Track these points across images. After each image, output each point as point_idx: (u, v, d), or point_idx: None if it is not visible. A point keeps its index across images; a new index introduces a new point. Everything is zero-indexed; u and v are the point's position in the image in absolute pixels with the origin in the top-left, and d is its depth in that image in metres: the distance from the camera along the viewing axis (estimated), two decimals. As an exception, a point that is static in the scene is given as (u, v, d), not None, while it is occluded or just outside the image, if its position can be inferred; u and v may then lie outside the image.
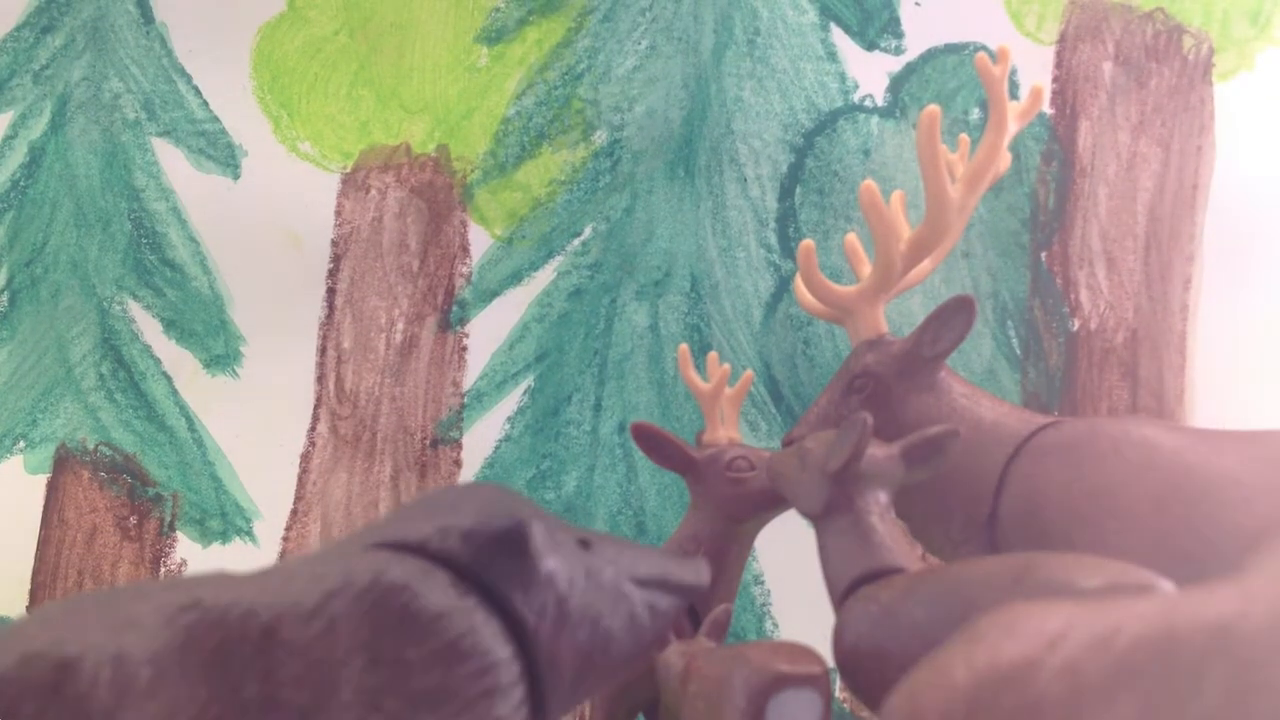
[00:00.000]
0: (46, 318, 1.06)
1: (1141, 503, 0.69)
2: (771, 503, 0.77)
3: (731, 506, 0.78)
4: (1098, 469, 0.70)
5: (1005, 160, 0.79)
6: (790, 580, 1.00)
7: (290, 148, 1.07)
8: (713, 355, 0.85)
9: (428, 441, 1.04)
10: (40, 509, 1.04)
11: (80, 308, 1.06)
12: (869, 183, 0.73)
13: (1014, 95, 1.03)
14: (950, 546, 0.76)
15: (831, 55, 1.05)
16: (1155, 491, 0.69)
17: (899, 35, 1.05)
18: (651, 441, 0.78)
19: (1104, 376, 1.01)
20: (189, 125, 1.07)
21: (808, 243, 0.76)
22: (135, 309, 1.06)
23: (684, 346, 0.85)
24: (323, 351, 1.05)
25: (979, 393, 0.76)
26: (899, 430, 0.74)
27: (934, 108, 0.71)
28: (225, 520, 1.04)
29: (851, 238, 0.80)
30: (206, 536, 1.04)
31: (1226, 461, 0.69)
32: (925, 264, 0.82)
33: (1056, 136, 1.03)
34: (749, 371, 0.84)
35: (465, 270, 1.05)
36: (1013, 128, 0.77)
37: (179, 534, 1.04)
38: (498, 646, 0.47)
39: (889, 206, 0.75)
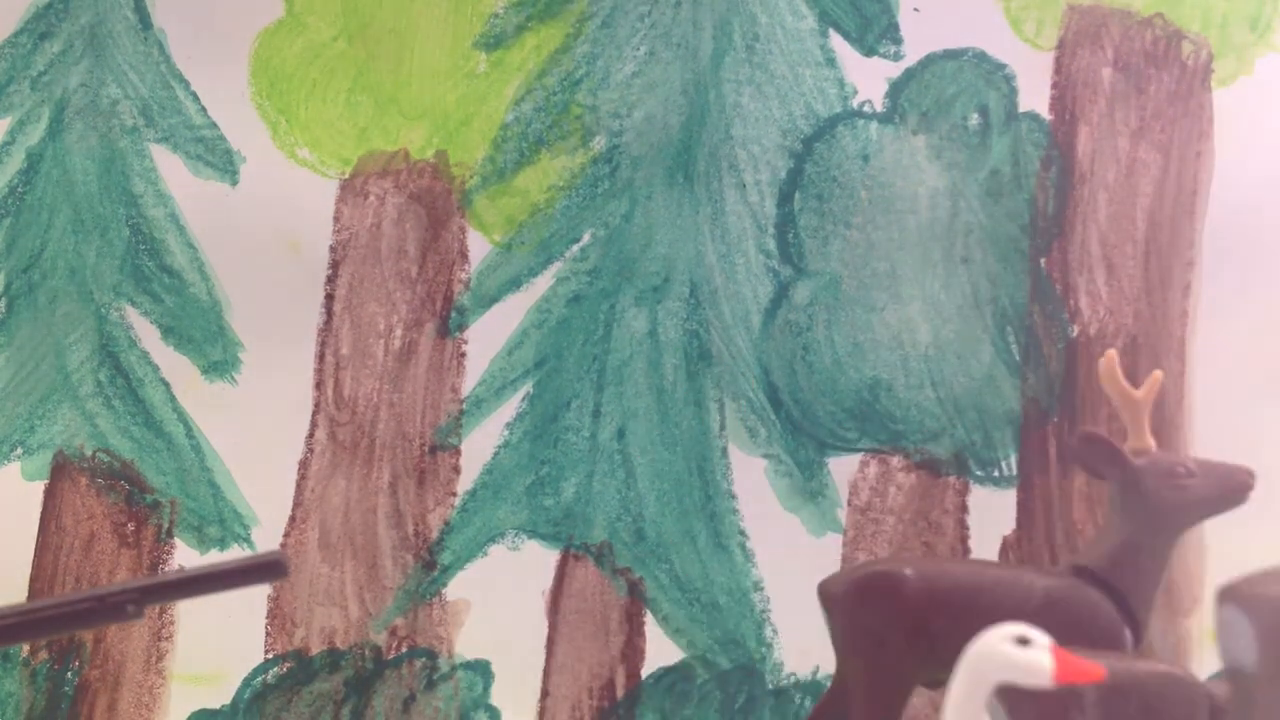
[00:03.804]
0: (44, 324, 1.06)
1: None
2: (1213, 508, 0.80)
3: (1174, 514, 0.80)
4: None
5: None
6: (790, 587, 1.00)
7: (289, 154, 1.06)
8: (1157, 374, 0.85)
9: (426, 448, 1.04)
10: (38, 516, 1.04)
11: (78, 314, 1.06)
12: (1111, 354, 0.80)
13: (1013, 102, 1.03)
14: None
15: (830, 61, 1.05)
16: None
17: (898, 41, 1.05)
18: (1098, 451, 0.79)
19: (1104, 382, 1.01)
20: (187, 131, 1.07)
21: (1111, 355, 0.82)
22: (133, 315, 1.06)
23: (1112, 353, 0.85)
24: (321, 358, 1.05)
25: None
26: None
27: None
28: (223, 527, 1.03)
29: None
30: (204, 543, 1.03)
31: None
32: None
33: (1055, 142, 1.03)
34: (1158, 373, 0.84)
35: (464, 276, 1.05)
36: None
37: (177, 540, 1.03)
38: None
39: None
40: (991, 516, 1.01)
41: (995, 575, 0.80)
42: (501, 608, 1.02)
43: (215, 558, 1.03)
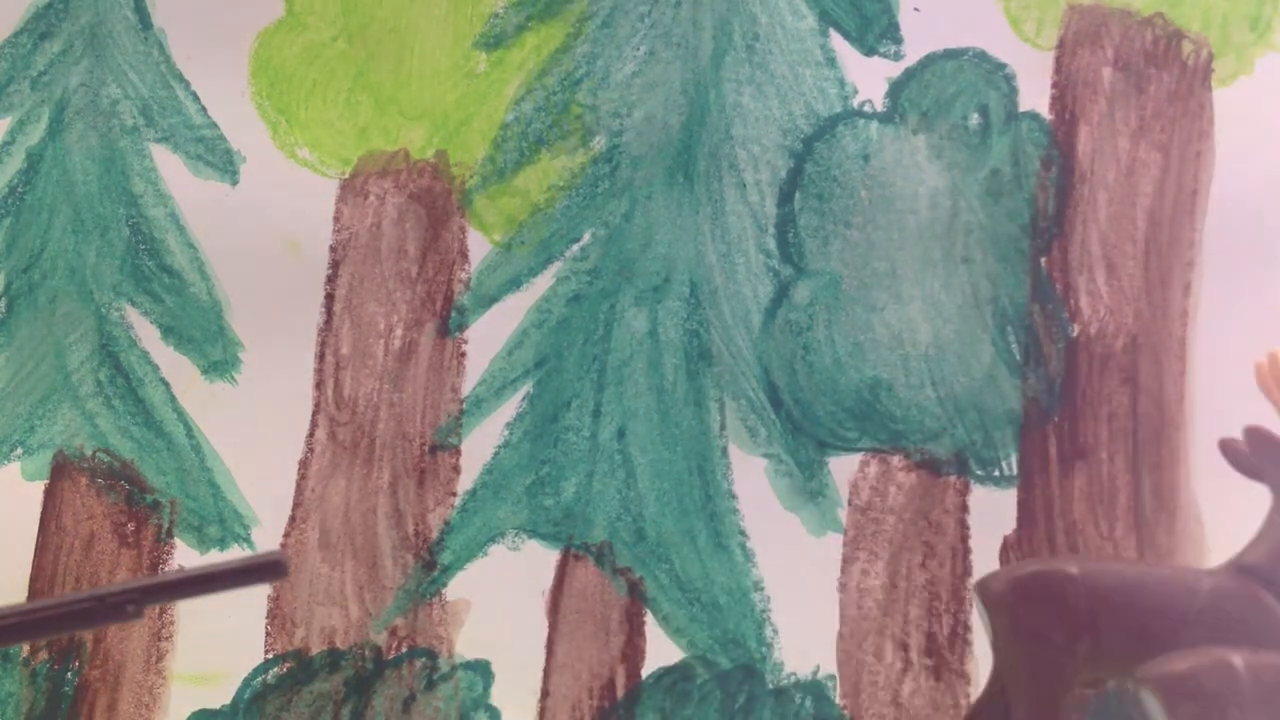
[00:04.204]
0: (44, 324, 1.06)
1: None
2: None
3: None
4: None
5: None
6: (790, 587, 1.00)
7: (289, 154, 1.06)
8: None
9: (426, 448, 1.04)
10: (38, 516, 1.04)
11: (78, 314, 1.06)
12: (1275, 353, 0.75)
13: (1013, 102, 1.03)
14: None
15: (830, 61, 1.05)
16: None
17: (898, 41, 1.05)
18: (1268, 449, 0.79)
19: (1104, 382, 1.01)
20: (187, 131, 1.07)
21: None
22: (133, 315, 1.06)
23: (1275, 352, 0.83)
24: (321, 358, 1.05)
25: None
26: None
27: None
28: (223, 527, 1.04)
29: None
30: (204, 543, 1.03)
31: None
32: None
33: (1056, 142, 1.03)
34: None
35: (464, 276, 1.05)
36: None
37: (177, 540, 1.03)
38: None
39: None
40: (991, 516, 1.01)
41: (1159, 574, 0.80)
42: (501, 608, 1.02)
43: (215, 558, 1.03)
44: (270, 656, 1.01)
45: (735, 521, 1.02)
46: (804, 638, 0.98)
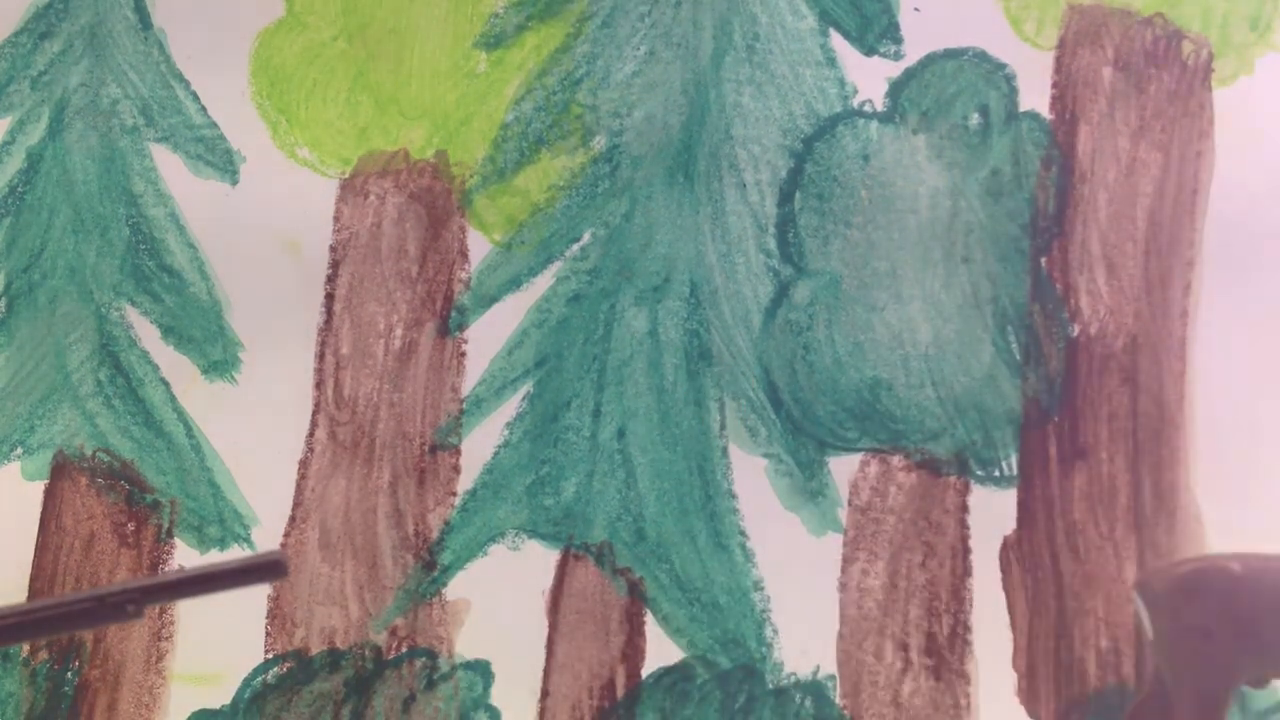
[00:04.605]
0: (44, 324, 1.06)
1: None
2: None
3: None
4: None
5: None
6: (790, 587, 1.00)
7: (289, 153, 1.06)
8: None
9: (426, 447, 1.04)
10: (38, 516, 1.04)
11: (78, 314, 1.06)
12: None
13: (1013, 102, 1.03)
14: None
15: (830, 61, 1.05)
16: None
17: (898, 41, 1.05)
18: None
19: (1104, 382, 1.01)
20: (187, 131, 1.07)
21: None
22: (133, 315, 1.06)
23: None
24: (321, 357, 1.05)
25: None
26: None
27: None
28: (223, 527, 1.04)
29: None
30: (204, 543, 1.03)
31: None
32: None
33: (1056, 142, 1.03)
34: None
35: (464, 276, 1.05)
36: None
37: (177, 540, 1.03)
38: None
39: None
40: (991, 516, 1.01)
41: None
42: (501, 608, 1.02)
43: (215, 558, 1.03)
44: (270, 656, 1.01)
45: (735, 521, 1.02)
46: (804, 638, 0.98)
